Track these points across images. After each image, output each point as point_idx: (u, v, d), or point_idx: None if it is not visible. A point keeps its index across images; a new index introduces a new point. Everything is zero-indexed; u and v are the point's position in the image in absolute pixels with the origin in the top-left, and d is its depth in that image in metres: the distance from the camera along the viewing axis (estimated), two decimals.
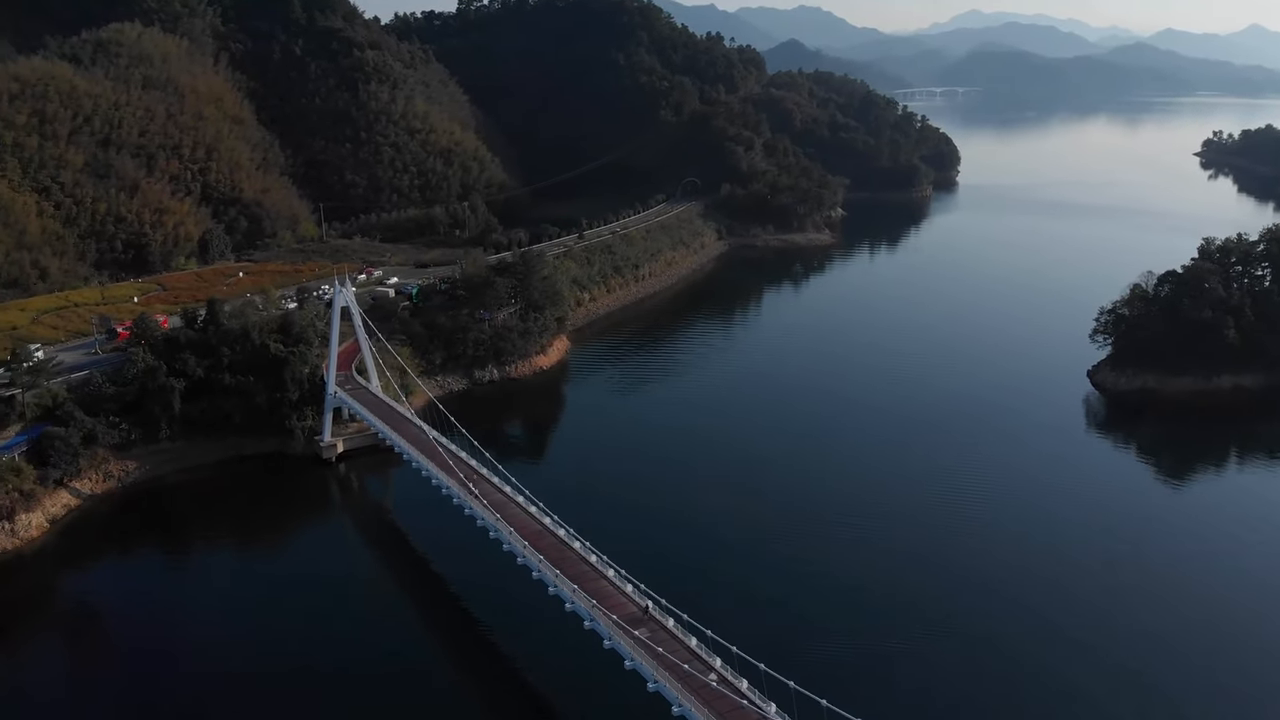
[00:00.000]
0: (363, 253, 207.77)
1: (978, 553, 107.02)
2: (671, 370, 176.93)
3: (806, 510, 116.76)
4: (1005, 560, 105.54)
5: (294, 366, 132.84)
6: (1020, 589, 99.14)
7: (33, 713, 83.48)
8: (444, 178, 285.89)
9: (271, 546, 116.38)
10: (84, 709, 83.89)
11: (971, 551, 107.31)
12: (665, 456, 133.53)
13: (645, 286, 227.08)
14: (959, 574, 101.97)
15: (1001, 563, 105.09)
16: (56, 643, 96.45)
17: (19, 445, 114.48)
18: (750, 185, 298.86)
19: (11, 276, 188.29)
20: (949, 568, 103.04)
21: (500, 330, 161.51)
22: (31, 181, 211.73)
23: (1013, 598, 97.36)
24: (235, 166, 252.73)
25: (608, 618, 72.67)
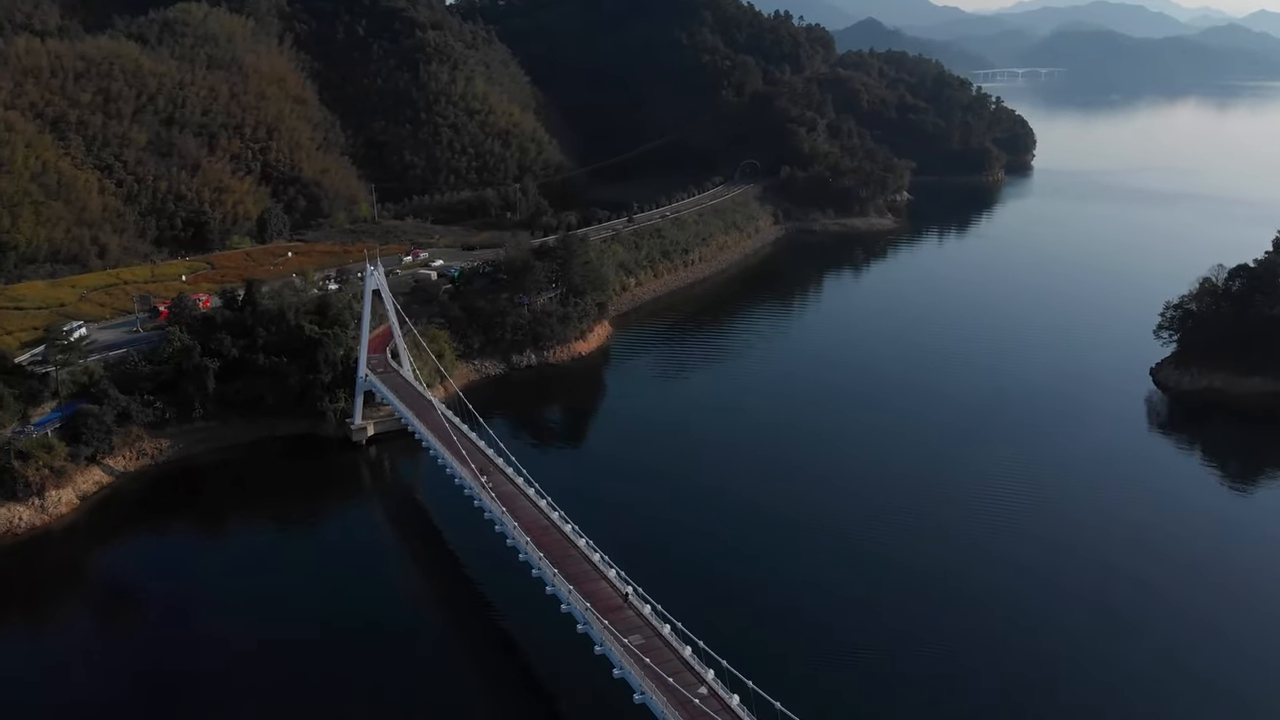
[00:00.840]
0: (413, 234, 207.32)
1: (1007, 566, 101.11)
2: (715, 357, 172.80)
3: (850, 508, 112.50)
4: (1046, 578, 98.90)
5: (327, 348, 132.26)
6: (1079, 601, 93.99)
7: (61, 685, 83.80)
8: (501, 159, 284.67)
9: (300, 527, 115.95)
10: (112, 682, 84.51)
11: (999, 564, 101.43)
12: (699, 448, 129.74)
13: (694, 271, 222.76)
14: (999, 589, 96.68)
15: (1043, 581, 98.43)
16: (86, 617, 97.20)
17: (52, 422, 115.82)
18: (811, 167, 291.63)
19: (71, 253, 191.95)
20: (983, 581, 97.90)
21: (539, 315, 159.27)
22: (94, 159, 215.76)
23: (1058, 623, 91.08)
24: (295, 146, 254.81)
25: (600, 621, 69.77)
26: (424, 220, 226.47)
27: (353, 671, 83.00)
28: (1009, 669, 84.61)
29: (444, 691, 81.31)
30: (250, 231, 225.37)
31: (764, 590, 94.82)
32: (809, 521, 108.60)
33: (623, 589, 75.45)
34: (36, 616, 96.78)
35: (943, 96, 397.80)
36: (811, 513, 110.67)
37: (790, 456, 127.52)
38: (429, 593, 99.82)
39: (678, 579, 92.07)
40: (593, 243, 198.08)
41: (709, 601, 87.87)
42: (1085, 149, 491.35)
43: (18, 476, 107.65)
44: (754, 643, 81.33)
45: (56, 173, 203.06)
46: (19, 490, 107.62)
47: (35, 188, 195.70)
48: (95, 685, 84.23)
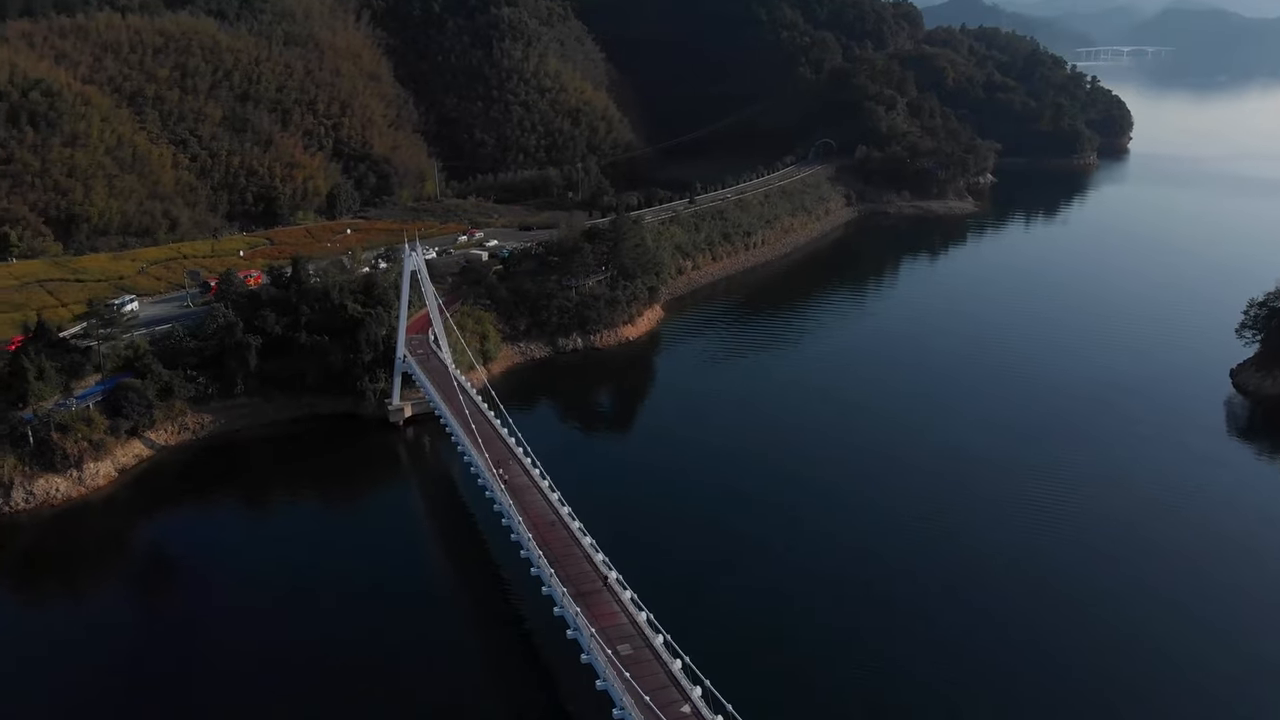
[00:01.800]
0: (473, 213, 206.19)
1: (1078, 581, 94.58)
2: (771, 345, 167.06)
3: (895, 515, 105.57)
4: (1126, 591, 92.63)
5: (369, 328, 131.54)
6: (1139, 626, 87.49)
7: (97, 652, 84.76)
8: (570, 137, 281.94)
9: (335, 505, 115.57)
10: (146, 649, 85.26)
11: (1073, 581, 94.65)
12: (741, 443, 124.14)
13: (756, 255, 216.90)
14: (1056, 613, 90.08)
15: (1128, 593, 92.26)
16: (122, 586, 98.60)
17: (94, 395, 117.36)
18: (888, 147, 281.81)
19: (143, 225, 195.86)
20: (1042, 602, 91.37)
21: (586, 298, 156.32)
22: (169, 134, 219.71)
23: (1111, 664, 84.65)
24: (368, 123, 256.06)
25: (589, 629, 66.69)
26: (486, 199, 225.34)
27: (378, 645, 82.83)
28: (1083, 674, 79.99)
29: (452, 677, 79.83)
30: (320, 208, 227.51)
31: (784, 606, 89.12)
32: (854, 527, 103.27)
33: (622, 594, 72.25)
34: (74, 585, 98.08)
35: (1035, 75, 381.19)
36: (857, 517, 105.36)
37: (846, 456, 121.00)
38: (453, 574, 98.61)
39: (694, 584, 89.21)
40: (650, 224, 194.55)
41: (720, 613, 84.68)
42: (1187, 133, 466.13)
43: (56, 448, 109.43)
44: (760, 662, 78.11)
45: (131, 146, 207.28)
46: (57, 462, 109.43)
47: (109, 161, 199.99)
48: (130, 652, 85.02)
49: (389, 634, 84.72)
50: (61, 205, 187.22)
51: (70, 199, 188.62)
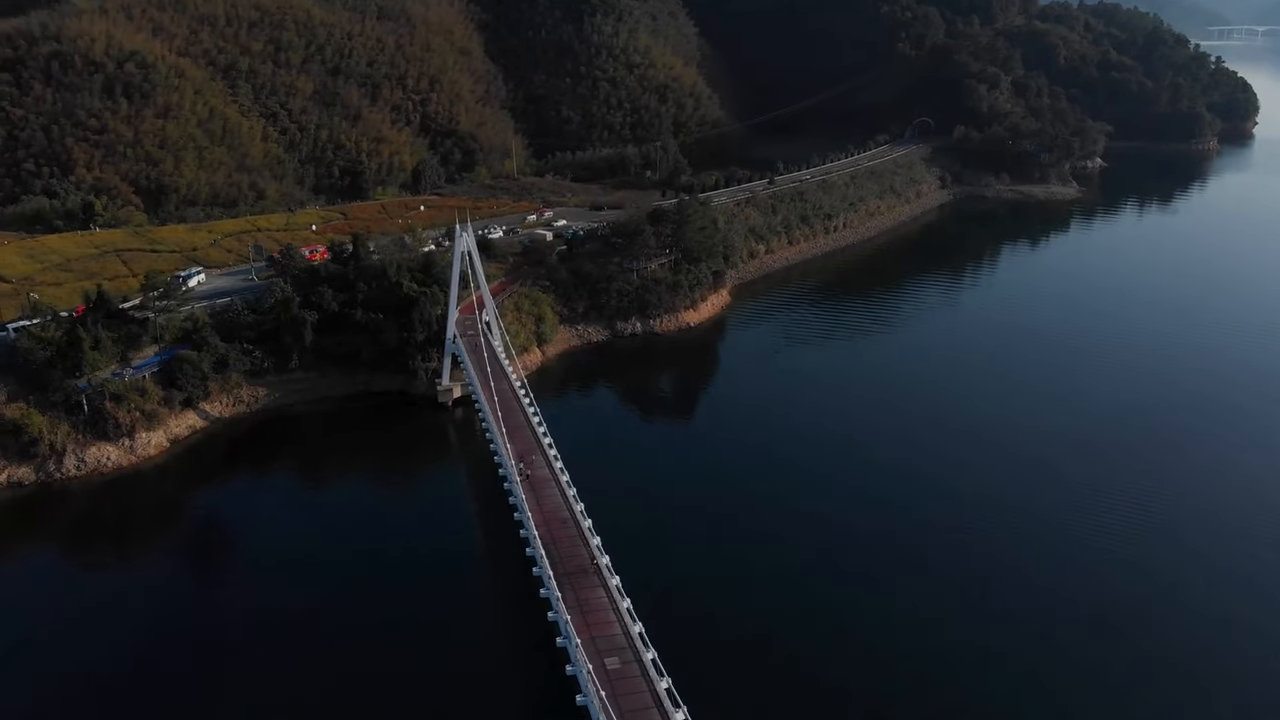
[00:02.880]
0: (548, 191, 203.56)
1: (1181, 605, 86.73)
2: (846, 335, 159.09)
3: (966, 541, 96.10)
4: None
5: (423, 307, 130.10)
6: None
7: (141, 616, 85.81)
8: (656, 114, 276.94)
9: (380, 482, 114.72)
10: (191, 614, 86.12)
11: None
12: (798, 444, 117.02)
13: (838, 239, 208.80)
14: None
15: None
16: (169, 553, 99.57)
17: (151, 366, 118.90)
18: (988, 128, 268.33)
19: (230, 197, 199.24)
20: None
21: (647, 282, 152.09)
22: (260, 107, 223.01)
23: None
24: (456, 98, 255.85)
25: (575, 640, 63.19)
26: (563, 177, 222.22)
27: (401, 619, 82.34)
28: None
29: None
30: (405, 183, 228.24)
31: (815, 637, 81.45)
32: (913, 542, 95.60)
33: (620, 603, 68.54)
34: (122, 550, 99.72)
35: (1154, 54, 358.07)
36: (919, 530, 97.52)
37: (923, 461, 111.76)
38: (478, 559, 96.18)
39: (705, 601, 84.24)
40: (723, 206, 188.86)
41: (727, 635, 79.55)
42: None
43: (109, 417, 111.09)
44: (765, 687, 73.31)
45: (222, 119, 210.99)
46: (110, 430, 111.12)
47: (200, 133, 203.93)
48: (174, 615, 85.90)
49: (419, 609, 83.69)
50: (152, 176, 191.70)
51: (160, 170, 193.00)
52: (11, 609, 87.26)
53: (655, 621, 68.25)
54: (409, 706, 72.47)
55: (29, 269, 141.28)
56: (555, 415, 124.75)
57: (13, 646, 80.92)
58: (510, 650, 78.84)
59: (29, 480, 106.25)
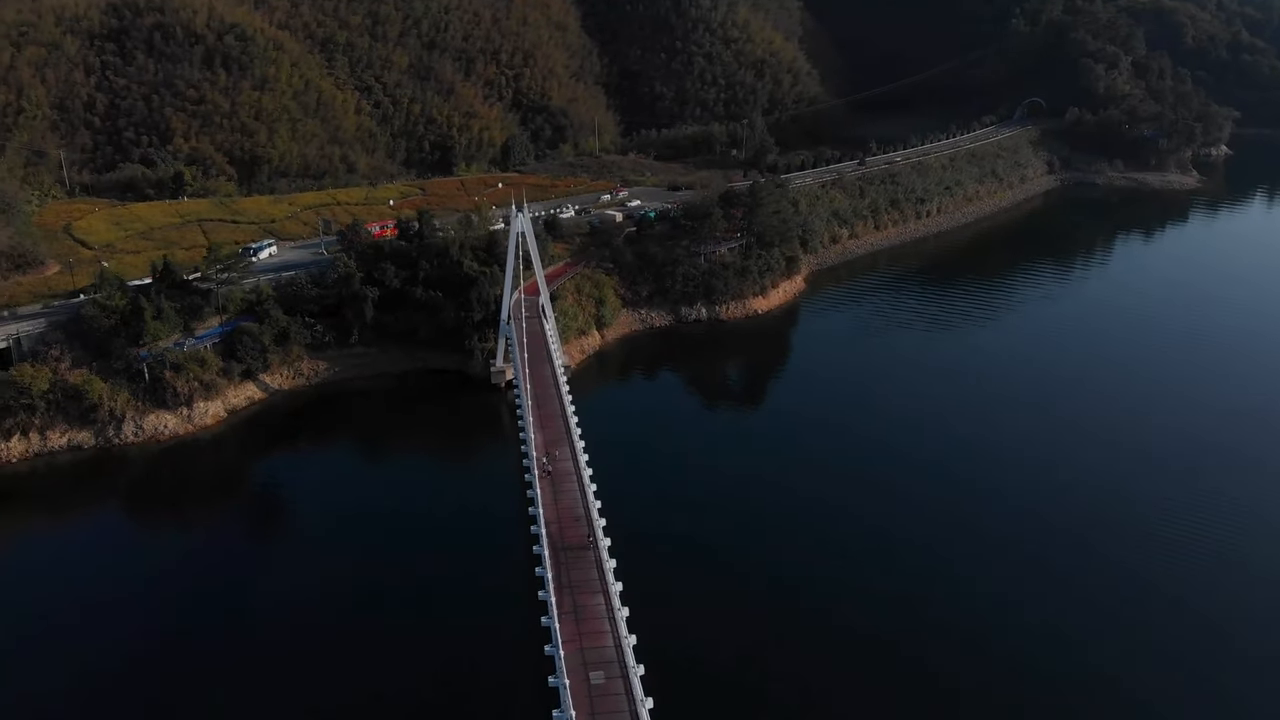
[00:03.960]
0: (628, 170, 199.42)
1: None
2: (928, 329, 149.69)
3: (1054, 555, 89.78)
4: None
5: (482, 287, 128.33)
6: None
7: (197, 578, 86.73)
8: (752, 90, 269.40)
9: (430, 459, 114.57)
10: (241, 579, 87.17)
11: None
12: (860, 445, 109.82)
13: (929, 224, 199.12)
14: None
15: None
16: (222, 519, 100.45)
17: (213, 337, 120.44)
18: (1103, 111, 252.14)
19: (321, 170, 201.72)
20: None
21: (715, 266, 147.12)
22: (356, 80, 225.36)
23: None
24: (549, 73, 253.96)
25: (560, 652, 60.11)
26: (646, 155, 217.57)
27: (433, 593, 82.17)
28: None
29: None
30: (494, 159, 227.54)
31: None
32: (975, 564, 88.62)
33: (618, 611, 65.13)
34: (177, 515, 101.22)
35: None
36: (982, 552, 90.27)
37: (1006, 475, 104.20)
38: (513, 544, 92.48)
39: (719, 611, 79.95)
40: (807, 188, 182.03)
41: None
42: None
43: (168, 386, 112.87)
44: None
45: (317, 91, 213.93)
46: (168, 399, 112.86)
47: (294, 105, 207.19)
48: (225, 580, 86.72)
49: (441, 590, 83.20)
50: (246, 147, 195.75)
51: (254, 141, 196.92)
52: (73, 565, 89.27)
53: (654, 635, 64.82)
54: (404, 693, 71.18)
55: (113, 236, 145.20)
56: (603, 403, 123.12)
57: (73, 602, 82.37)
58: (509, 650, 76.22)
59: (88, 444, 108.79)
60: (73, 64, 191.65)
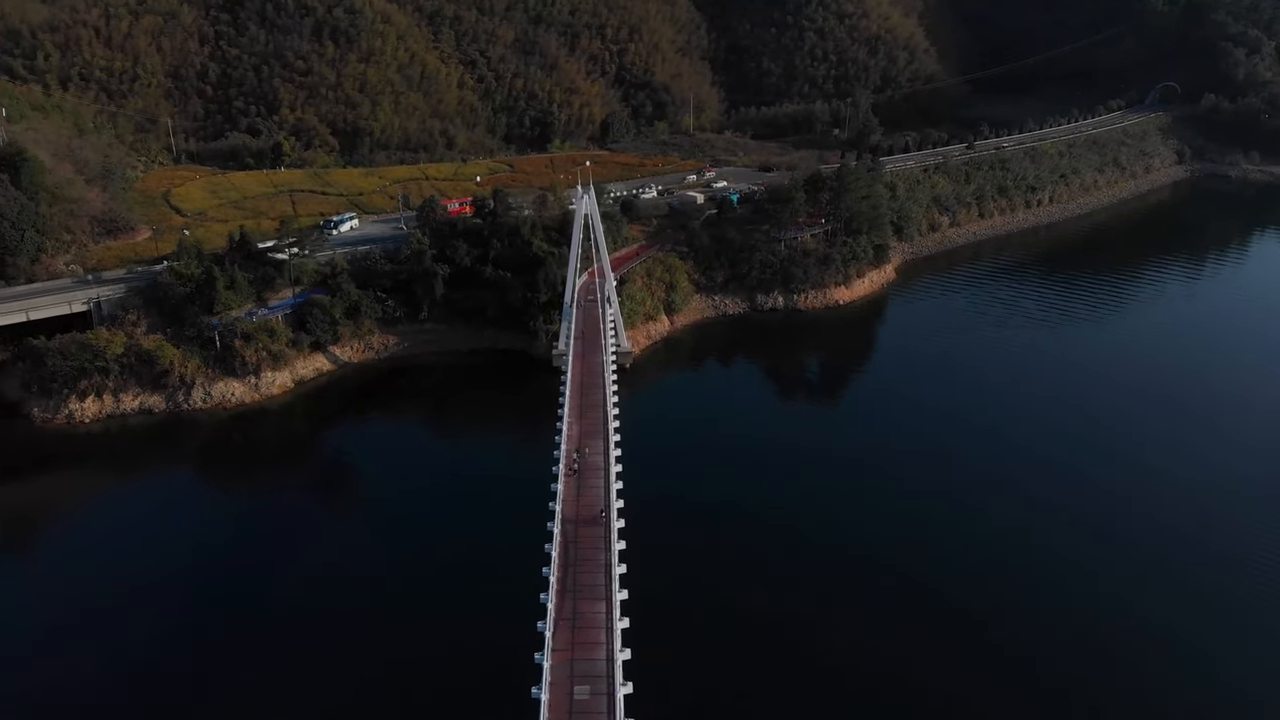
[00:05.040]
0: (721, 149, 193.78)
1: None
2: (1031, 329, 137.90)
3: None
4: None
5: (549, 268, 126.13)
6: None
7: (267, 540, 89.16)
8: (864, 68, 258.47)
9: (487, 438, 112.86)
10: (313, 539, 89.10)
11: None
12: (927, 469, 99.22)
13: (1040, 214, 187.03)
14: None
15: None
16: (286, 486, 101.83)
17: (285, 308, 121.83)
18: (1242, 99, 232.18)
19: (421, 143, 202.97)
20: None
21: (795, 253, 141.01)
22: (461, 54, 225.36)
23: None
24: (654, 49, 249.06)
25: (548, 662, 57.34)
26: (743, 134, 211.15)
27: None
28: None
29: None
30: (592, 135, 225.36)
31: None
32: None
33: (616, 621, 61.90)
34: (249, 476, 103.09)
35: None
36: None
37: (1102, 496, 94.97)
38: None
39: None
40: (907, 171, 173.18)
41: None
42: None
43: (237, 355, 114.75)
44: None
45: (421, 65, 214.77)
46: (237, 367, 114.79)
47: (398, 78, 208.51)
48: (286, 542, 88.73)
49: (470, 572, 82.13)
50: (349, 118, 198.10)
51: (358, 113, 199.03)
52: (146, 522, 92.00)
53: (650, 651, 61.40)
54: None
55: (206, 204, 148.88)
56: (660, 393, 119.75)
57: (148, 556, 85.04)
58: (505, 650, 73.40)
59: (159, 408, 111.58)
60: (188, 33, 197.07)
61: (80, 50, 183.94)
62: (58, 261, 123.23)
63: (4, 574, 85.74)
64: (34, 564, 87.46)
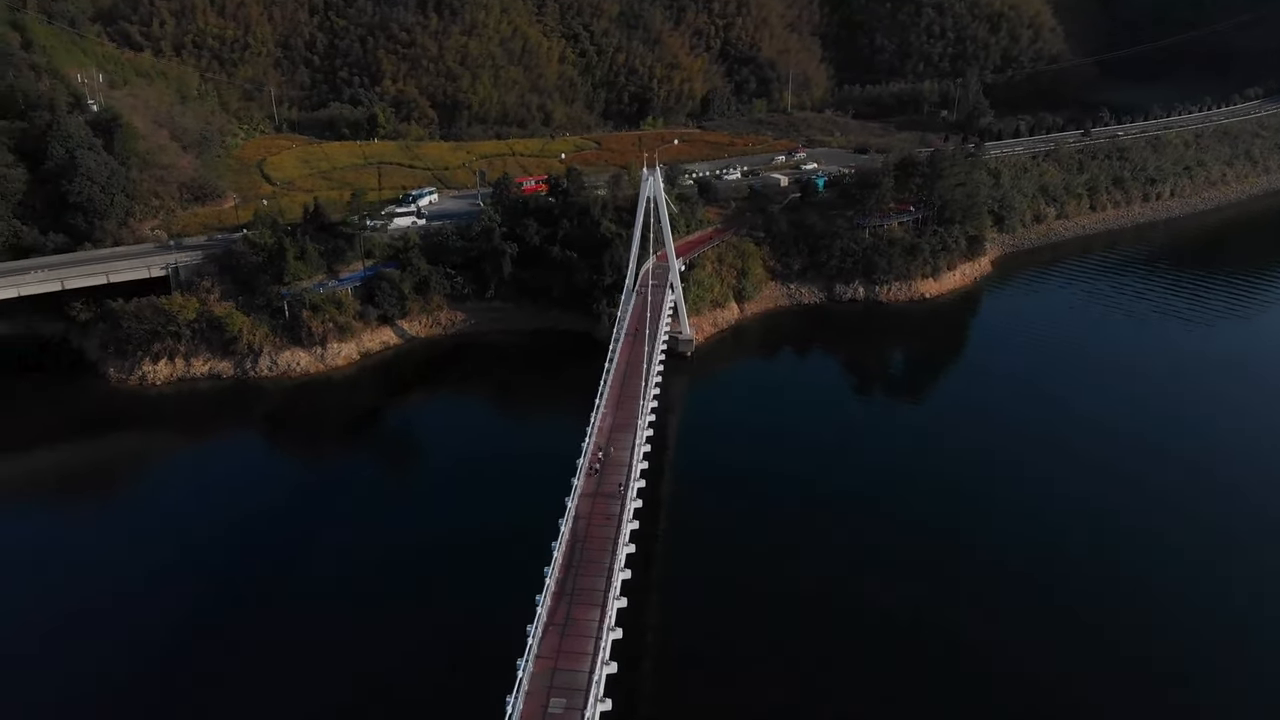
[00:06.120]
0: (817, 129, 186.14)
1: None
2: (1139, 330, 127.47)
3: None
4: None
5: (615, 250, 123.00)
6: None
7: (321, 507, 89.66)
8: (983, 46, 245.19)
9: (542, 422, 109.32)
10: (364, 511, 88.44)
11: None
12: (1012, 495, 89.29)
13: (1159, 209, 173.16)
14: None
15: None
16: (349, 456, 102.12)
17: (355, 281, 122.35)
18: None
19: (519, 118, 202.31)
20: None
21: (880, 242, 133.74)
22: (564, 27, 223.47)
23: None
24: (762, 23, 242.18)
25: (525, 672, 54.81)
26: (844, 113, 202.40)
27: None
28: None
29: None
30: (692, 111, 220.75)
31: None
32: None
33: (607, 632, 58.91)
34: (315, 445, 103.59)
35: None
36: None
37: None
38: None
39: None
40: (1014, 158, 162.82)
41: None
42: None
43: (304, 325, 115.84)
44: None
45: (524, 38, 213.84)
46: (303, 337, 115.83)
47: (500, 51, 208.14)
48: (360, 505, 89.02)
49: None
50: (448, 91, 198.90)
51: (457, 86, 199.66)
52: (209, 484, 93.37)
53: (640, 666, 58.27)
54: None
55: (296, 174, 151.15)
56: (717, 386, 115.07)
57: (209, 516, 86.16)
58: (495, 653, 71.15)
59: (227, 374, 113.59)
60: (298, 3, 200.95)
61: (194, 18, 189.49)
62: (145, 226, 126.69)
63: (75, 525, 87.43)
64: (100, 516, 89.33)
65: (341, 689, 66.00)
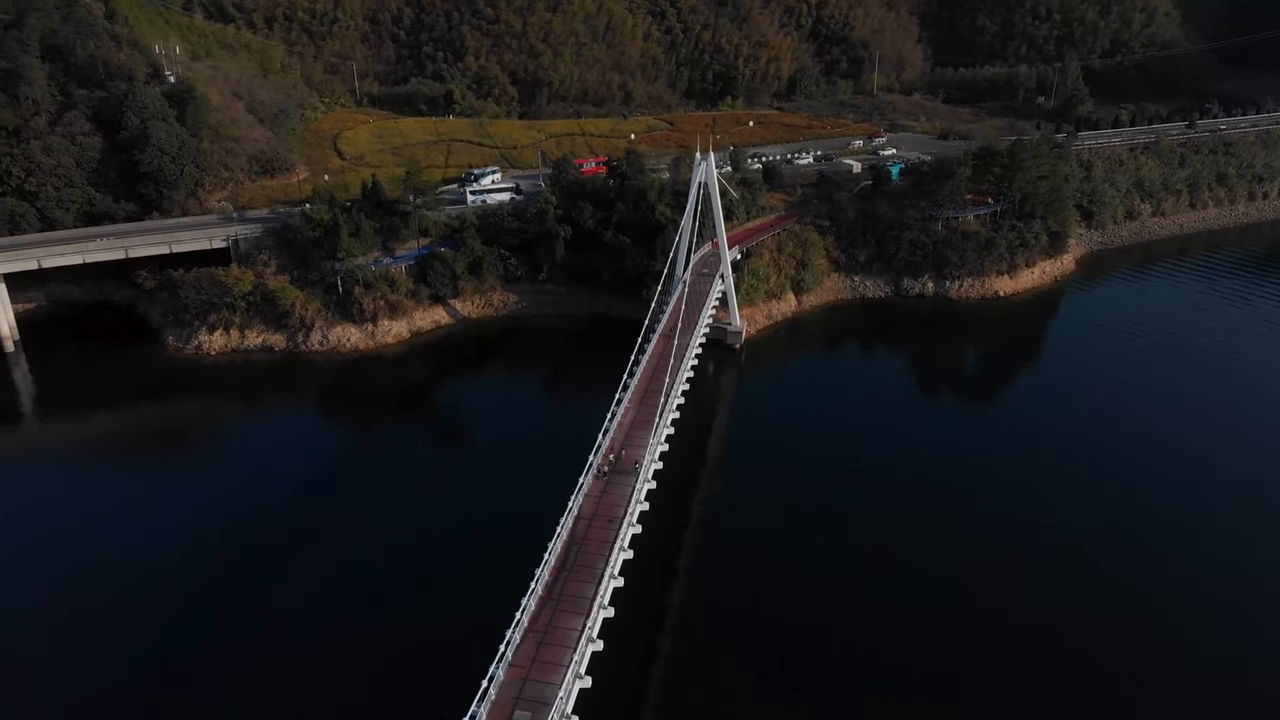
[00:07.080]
0: (902, 113, 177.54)
1: None
2: (1238, 338, 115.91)
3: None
4: None
5: (668, 236, 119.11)
6: None
7: (382, 485, 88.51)
8: (1091, 29, 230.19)
9: (584, 409, 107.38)
10: (407, 490, 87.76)
11: None
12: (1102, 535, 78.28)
13: (1266, 208, 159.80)
14: None
15: None
16: (395, 434, 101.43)
17: (409, 259, 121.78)
18: None
19: (599, 96, 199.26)
20: None
21: (953, 235, 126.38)
22: (650, 4, 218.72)
23: None
24: (856, 1, 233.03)
25: (498, 677, 52.56)
26: (934, 97, 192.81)
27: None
28: None
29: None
30: (778, 91, 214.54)
31: None
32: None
33: (587, 643, 56.20)
34: (362, 421, 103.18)
35: None
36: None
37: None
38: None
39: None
40: (1109, 150, 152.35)
41: None
42: None
43: (356, 302, 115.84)
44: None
45: (609, 15, 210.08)
46: (355, 314, 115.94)
47: (583, 28, 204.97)
48: (412, 482, 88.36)
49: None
50: (530, 68, 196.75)
51: (539, 63, 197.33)
52: (259, 452, 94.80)
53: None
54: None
55: (368, 149, 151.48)
56: (763, 383, 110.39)
57: (258, 485, 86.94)
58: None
59: (279, 347, 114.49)
60: None
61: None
62: (213, 197, 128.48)
63: (131, 487, 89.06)
64: (147, 483, 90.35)
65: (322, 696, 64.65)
